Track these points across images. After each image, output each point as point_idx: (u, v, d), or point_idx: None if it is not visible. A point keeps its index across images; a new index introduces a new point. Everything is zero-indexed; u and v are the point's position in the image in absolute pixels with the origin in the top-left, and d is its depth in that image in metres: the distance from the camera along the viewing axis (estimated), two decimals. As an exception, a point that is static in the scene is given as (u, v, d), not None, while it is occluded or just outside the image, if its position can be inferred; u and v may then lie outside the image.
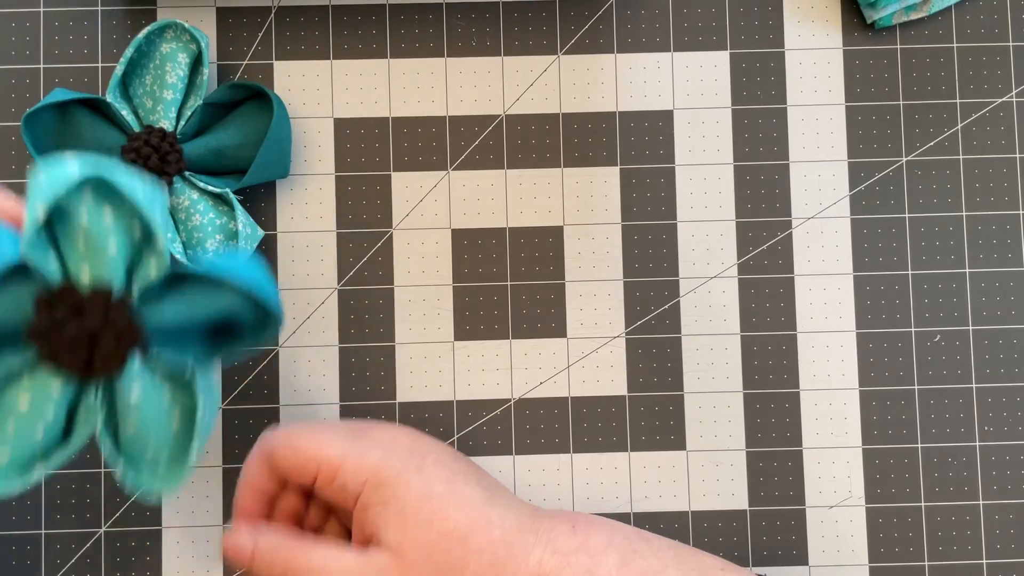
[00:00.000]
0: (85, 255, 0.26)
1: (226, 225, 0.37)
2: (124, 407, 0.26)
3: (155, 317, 0.26)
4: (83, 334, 0.25)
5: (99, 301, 0.25)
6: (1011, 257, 0.39)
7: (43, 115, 0.36)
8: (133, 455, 0.27)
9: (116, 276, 0.26)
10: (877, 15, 0.39)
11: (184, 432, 0.27)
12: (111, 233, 0.26)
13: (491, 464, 0.39)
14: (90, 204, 0.26)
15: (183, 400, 0.27)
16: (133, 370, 0.26)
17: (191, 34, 0.37)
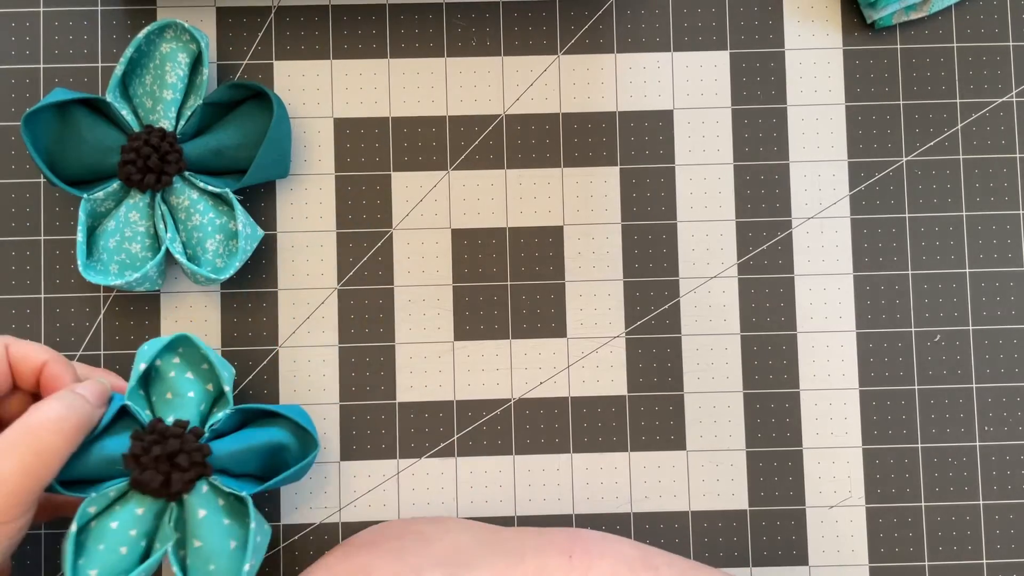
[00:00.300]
0: (170, 402, 0.34)
1: (226, 225, 0.37)
2: (192, 525, 0.32)
3: (220, 449, 0.33)
4: (164, 455, 0.32)
5: (178, 432, 0.33)
6: (1011, 257, 0.39)
7: (43, 115, 0.36)
8: (196, 570, 0.32)
9: (192, 417, 0.34)
10: (877, 15, 0.39)
11: (240, 552, 0.32)
12: (191, 386, 0.34)
13: (491, 464, 0.39)
14: (176, 365, 0.35)
15: (239, 525, 0.33)
16: (201, 493, 0.33)
17: (191, 34, 0.37)
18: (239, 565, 0.32)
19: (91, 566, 0.31)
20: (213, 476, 0.33)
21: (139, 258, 0.37)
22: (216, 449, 0.33)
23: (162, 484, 0.32)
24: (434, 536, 0.34)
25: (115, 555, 0.32)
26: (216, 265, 0.37)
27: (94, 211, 0.37)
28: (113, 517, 0.32)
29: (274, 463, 0.35)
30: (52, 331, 0.38)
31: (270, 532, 0.34)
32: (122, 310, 0.39)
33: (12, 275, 0.39)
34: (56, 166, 0.36)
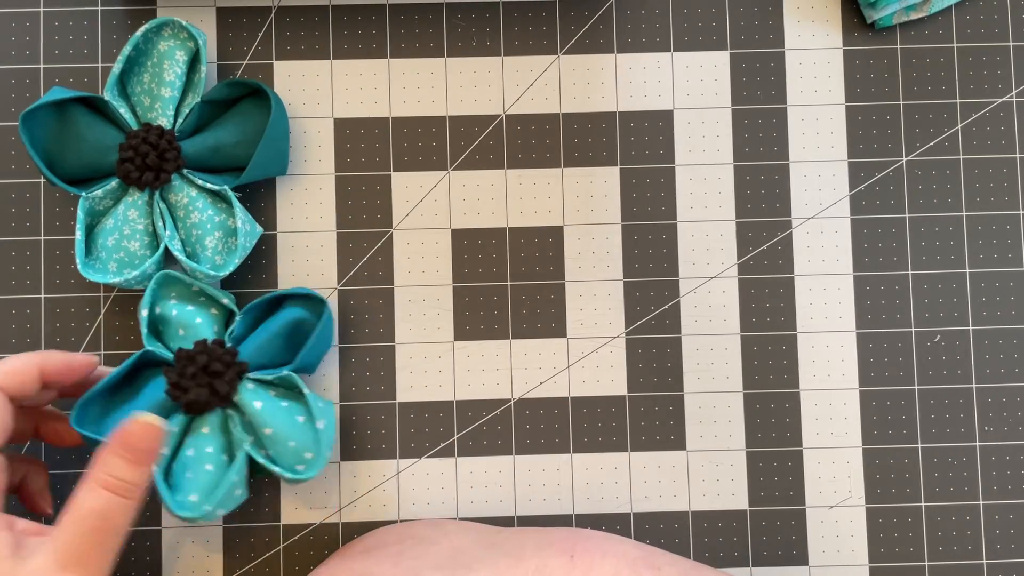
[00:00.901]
0: (184, 336, 0.36)
1: (225, 222, 0.37)
2: (257, 419, 0.34)
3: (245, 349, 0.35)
4: (199, 369, 0.34)
5: (202, 348, 0.34)
6: (1011, 257, 0.39)
7: (41, 114, 0.36)
8: (282, 456, 0.34)
9: (208, 335, 0.36)
10: (877, 15, 0.39)
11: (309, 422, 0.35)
12: (196, 314, 0.36)
13: (491, 464, 0.39)
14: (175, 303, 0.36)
15: (297, 402, 0.35)
16: (247, 389, 0.35)
17: (189, 32, 0.37)
18: (313, 431, 0.35)
19: (188, 493, 0.34)
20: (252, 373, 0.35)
21: (138, 256, 0.37)
22: (242, 351, 0.35)
23: (209, 395, 0.34)
24: (433, 539, 0.34)
25: (204, 475, 0.34)
26: (215, 262, 0.37)
27: (93, 209, 0.37)
28: (186, 447, 0.35)
29: (300, 341, 0.36)
30: (52, 331, 0.38)
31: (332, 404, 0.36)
32: (122, 310, 0.39)
33: (12, 275, 0.39)
34: (55, 165, 0.36)
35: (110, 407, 0.35)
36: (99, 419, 0.35)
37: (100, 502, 0.30)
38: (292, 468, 0.34)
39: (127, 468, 0.31)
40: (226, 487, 0.33)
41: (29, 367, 0.32)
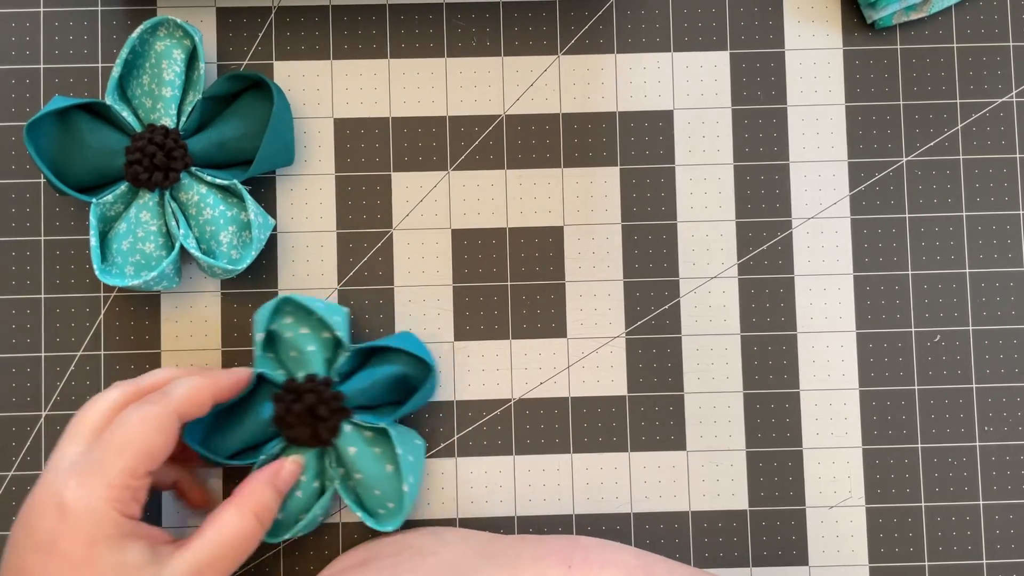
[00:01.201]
0: (296, 359, 0.36)
1: (237, 216, 0.37)
2: (349, 463, 0.35)
3: (351, 390, 0.36)
4: (305, 410, 0.35)
5: (311, 387, 0.35)
6: (1011, 257, 0.39)
7: (44, 124, 0.36)
8: (368, 500, 0.36)
9: (319, 368, 0.36)
10: (877, 15, 0.39)
11: (396, 475, 0.35)
12: (309, 340, 0.36)
13: (491, 464, 0.39)
14: (290, 325, 0.36)
15: (390, 451, 0.36)
16: (346, 433, 0.36)
17: (184, 30, 0.37)
18: (399, 486, 0.35)
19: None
20: (353, 415, 0.36)
21: (154, 257, 0.37)
22: (348, 391, 0.36)
23: (311, 436, 0.35)
24: (430, 549, 0.34)
25: (292, 499, 0.35)
26: (232, 257, 0.37)
27: (104, 215, 0.37)
28: None
29: (403, 388, 0.37)
30: (52, 331, 0.38)
31: (424, 446, 0.37)
32: (122, 310, 0.39)
33: (12, 275, 0.39)
34: (62, 173, 0.36)
35: (217, 423, 0.36)
36: (205, 431, 0.36)
37: (245, 525, 0.32)
38: (375, 512, 0.36)
39: (275, 499, 0.34)
40: (309, 521, 0.35)
41: (204, 394, 0.33)
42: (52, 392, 0.38)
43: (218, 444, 0.36)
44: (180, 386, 0.33)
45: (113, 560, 0.30)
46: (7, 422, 0.38)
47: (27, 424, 0.38)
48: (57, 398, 0.38)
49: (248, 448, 0.36)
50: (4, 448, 0.38)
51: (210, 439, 0.36)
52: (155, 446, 0.31)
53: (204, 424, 0.36)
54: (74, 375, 0.38)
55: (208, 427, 0.36)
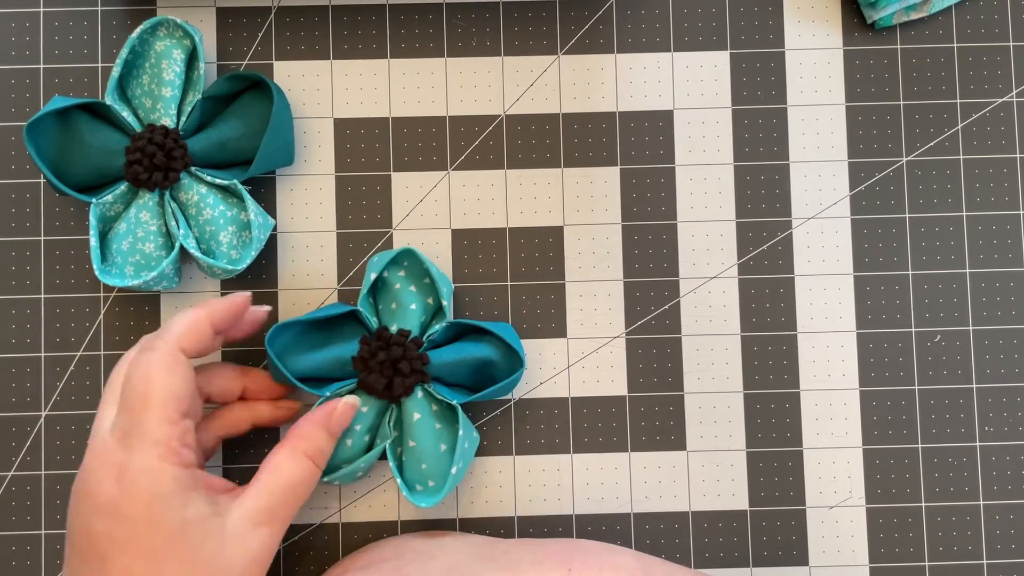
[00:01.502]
0: (395, 311, 0.37)
1: (237, 216, 0.37)
2: (407, 427, 0.36)
3: (437, 358, 0.36)
4: (388, 361, 0.35)
5: (401, 341, 0.35)
6: (1011, 257, 0.39)
7: (44, 124, 0.36)
8: (410, 470, 0.36)
9: (413, 327, 0.36)
10: (877, 15, 0.39)
11: (448, 456, 0.35)
12: (414, 299, 0.37)
13: (491, 464, 0.39)
14: (402, 278, 0.37)
15: (449, 430, 0.36)
16: (417, 397, 0.36)
17: (184, 30, 0.37)
18: (447, 467, 0.35)
19: None
20: (429, 383, 0.36)
21: (153, 257, 0.37)
22: (433, 358, 0.36)
23: (385, 387, 0.35)
24: (430, 554, 0.34)
25: (341, 446, 0.36)
26: (231, 257, 0.37)
27: (104, 215, 0.37)
28: None
29: (483, 376, 0.37)
30: (52, 331, 0.38)
31: (478, 440, 0.37)
32: (122, 310, 0.39)
33: (12, 275, 0.39)
34: (62, 173, 0.36)
35: (301, 342, 0.36)
36: (287, 348, 0.36)
37: (299, 468, 0.32)
38: (413, 486, 0.36)
39: (328, 442, 0.34)
40: (350, 472, 0.35)
41: (201, 323, 0.33)
42: (52, 392, 0.38)
43: (294, 363, 0.36)
44: (175, 323, 0.32)
45: (175, 516, 0.30)
46: (7, 422, 0.38)
47: (27, 424, 0.38)
48: (57, 398, 0.38)
49: (321, 379, 0.36)
50: (4, 448, 0.38)
51: (287, 356, 0.36)
52: (172, 388, 0.31)
53: (286, 341, 0.36)
54: (74, 375, 0.38)
55: (289, 345, 0.36)
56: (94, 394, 0.38)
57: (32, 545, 0.38)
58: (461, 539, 0.36)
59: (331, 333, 0.37)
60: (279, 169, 0.39)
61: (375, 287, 0.37)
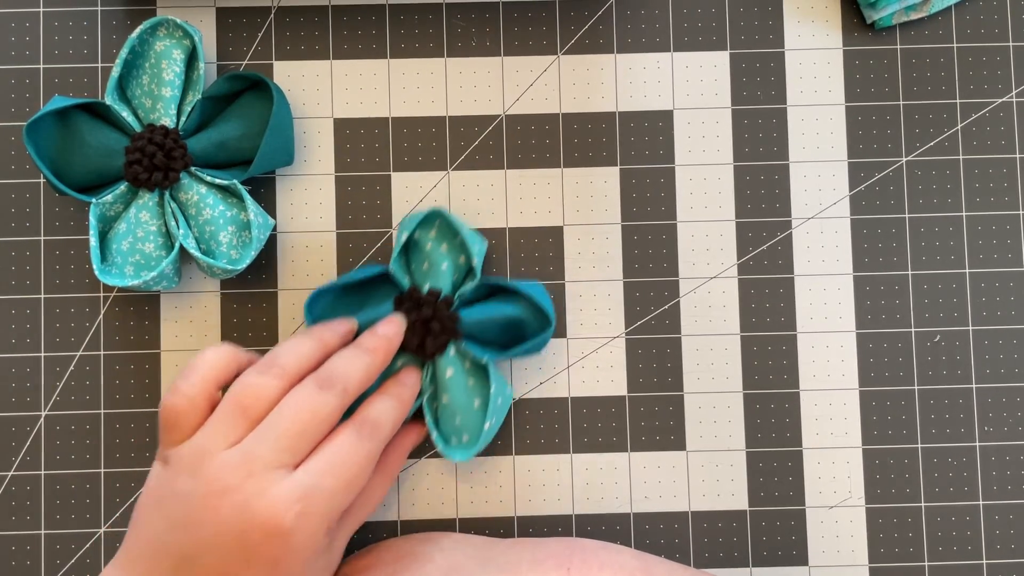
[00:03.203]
0: (426, 272, 0.37)
1: (237, 216, 0.37)
2: (441, 383, 0.36)
3: (467, 317, 0.36)
4: (419, 320, 0.36)
5: (432, 300, 0.36)
6: (1011, 257, 0.39)
7: (44, 124, 0.36)
8: (445, 424, 0.36)
9: (445, 287, 0.37)
10: (877, 15, 0.39)
11: (482, 411, 0.36)
12: (444, 258, 0.37)
13: (491, 465, 0.39)
14: (432, 239, 0.37)
15: (482, 386, 0.36)
16: (449, 355, 0.36)
17: (184, 30, 0.37)
18: (481, 423, 0.36)
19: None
20: (461, 341, 0.37)
21: (153, 257, 0.37)
22: (464, 317, 0.37)
23: (418, 346, 0.36)
24: (428, 557, 0.34)
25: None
26: (231, 257, 0.37)
27: (104, 215, 0.37)
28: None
29: (513, 335, 0.37)
30: (52, 331, 0.38)
31: (512, 397, 0.38)
32: (122, 310, 0.39)
33: (12, 275, 0.39)
34: (61, 173, 0.36)
35: (337, 306, 0.37)
36: (324, 314, 0.37)
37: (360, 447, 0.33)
38: (448, 439, 0.36)
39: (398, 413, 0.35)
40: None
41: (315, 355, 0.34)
42: (52, 392, 0.38)
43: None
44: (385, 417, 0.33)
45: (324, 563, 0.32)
46: (7, 422, 0.38)
47: (27, 424, 0.38)
48: (57, 398, 0.38)
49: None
50: (4, 448, 0.38)
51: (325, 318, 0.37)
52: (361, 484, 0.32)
53: (322, 307, 0.37)
54: (74, 375, 0.38)
55: (325, 310, 0.37)
56: (94, 394, 0.38)
57: (32, 545, 0.38)
58: (460, 540, 0.36)
59: (365, 296, 0.38)
60: (279, 169, 0.39)
61: (406, 248, 0.37)
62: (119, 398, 0.38)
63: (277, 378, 0.32)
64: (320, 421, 0.31)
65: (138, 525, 0.31)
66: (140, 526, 0.31)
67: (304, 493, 0.30)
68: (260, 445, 0.30)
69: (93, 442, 0.38)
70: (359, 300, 0.38)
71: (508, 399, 0.37)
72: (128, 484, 0.38)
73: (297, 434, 0.31)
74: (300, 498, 0.30)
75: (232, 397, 0.31)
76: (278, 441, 0.30)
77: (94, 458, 0.38)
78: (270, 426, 0.31)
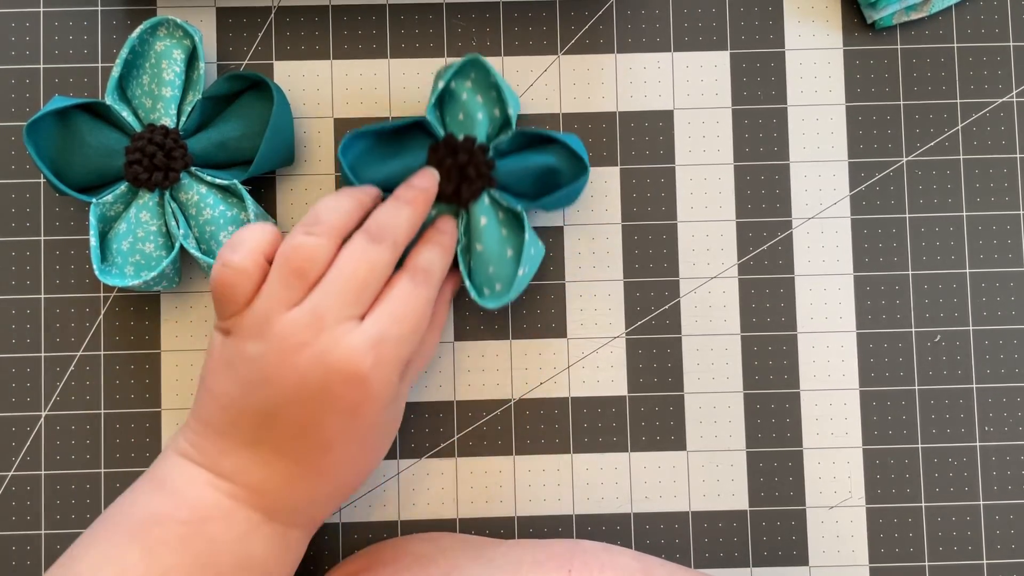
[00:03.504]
0: (462, 122, 0.37)
1: (237, 216, 0.37)
2: (475, 230, 0.37)
3: (502, 167, 0.37)
4: (455, 166, 0.36)
5: (468, 147, 0.36)
6: (1011, 257, 0.39)
7: (44, 124, 0.36)
8: (478, 274, 0.37)
9: (480, 137, 0.37)
10: (877, 15, 0.39)
11: (515, 260, 0.36)
12: (479, 109, 0.37)
13: (491, 464, 0.39)
14: (469, 89, 0.37)
15: (515, 237, 0.37)
16: (484, 203, 0.37)
17: (184, 30, 0.37)
18: (514, 271, 0.36)
19: None
20: (495, 191, 0.37)
21: (154, 257, 0.37)
22: (499, 167, 0.37)
23: (453, 192, 0.36)
24: (429, 557, 0.34)
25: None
26: None
27: (104, 215, 0.37)
28: None
29: (548, 186, 0.37)
30: (52, 331, 0.38)
31: (543, 249, 0.38)
32: (122, 310, 0.39)
33: (12, 275, 0.39)
34: (61, 174, 0.36)
35: (371, 153, 0.38)
36: (358, 160, 0.37)
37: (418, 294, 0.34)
38: (480, 288, 0.37)
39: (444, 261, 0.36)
40: None
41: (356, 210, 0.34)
42: (52, 392, 0.38)
43: (366, 170, 0.37)
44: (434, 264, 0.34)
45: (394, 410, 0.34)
46: (7, 422, 0.38)
47: (27, 424, 0.38)
48: (57, 398, 0.38)
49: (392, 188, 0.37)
50: (4, 448, 0.38)
51: (358, 168, 0.37)
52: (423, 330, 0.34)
53: (357, 152, 0.37)
54: (74, 375, 0.38)
55: (360, 156, 0.37)
56: (94, 394, 0.38)
57: (32, 545, 0.38)
58: (460, 541, 0.36)
59: (400, 145, 0.38)
60: (279, 169, 0.39)
61: (442, 100, 0.38)
62: (119, 398, 0.38)
63: (326, 236, 0.32)
64: (378, 273, 0.33)
65: (209, 391, 0.32)
66: (211, 392, 0.32)
67: (376, 341, 0.31)
68: (326, 300, 0.31)
69: (93, 442, 0.38)
70: (394, 149, 0.38)
71: (541, 251, 0.37)
72: (128, 484, 0.38)
73: (359, 287, 0.32)
74: (373, 346, 0.31)
75: (285, 261, 0.32)
76: (343, 296, 0.31)
77: (94, 458, 0.38)
78: (332, 282, 0.32)
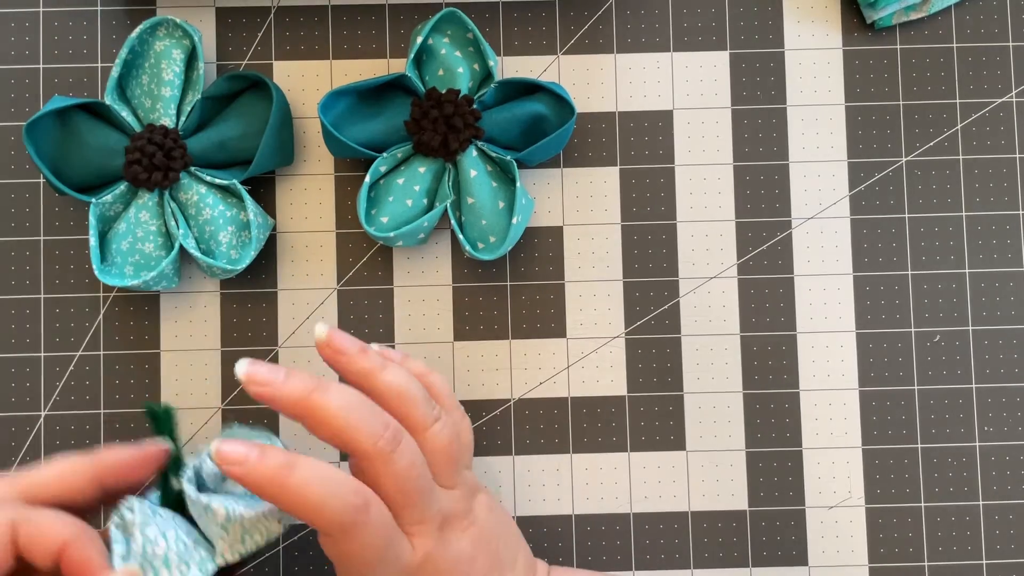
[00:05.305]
0: (442, 77, 0.37)
1: (237, 216, 0.37)
2: (465, 184, 0.37)
3: (488, 118, 0.37)
4: (441, 117, 0.36)
5: (452, 98, 0.36)
6: (1011, 257, 0.39)
7: (43, 123, 0.36)
8: (471, 228, 0.37)
9: (463, 88, 0.37)
10: (877, 15, 0.39)
11: (507, 211, 0.37)
12: (459, 63, 0.37)
13: (491, 464, 0.39)
14: (447, 44, 0.37)
15: (505, 189, 0.37)
16: (472, 155, 0.37)
17: (183, 30, 0.37)
18: (507, 222, 0.37)
19: (382, 214, 0.37)
20: (482, 143, 0.37)
21: (153, 257, 0.37)
22: (484, 118, 0.37)
23: (440, 144, 0.36)
24: None
25: (402, 206, 0.37)
26: (231, 256, 0.37)
27: (104, 215, 0.37)
28: (399, 175, 0.37)
29: (535, 135, 0.38)
30: (52, 331, 0.38)
31: (533, 202, 0.38)
32: (122, 310, 0.39)
33: (12, 275, 0.39)
34: (61, 173, 0.36)
35: (353, 112, 0.38)
36: (340, 118, 0.37)
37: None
38: (475, 243, 0.37)
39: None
40: (412, 229, 0.36)
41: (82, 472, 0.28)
42: (52, 392, 0.38)
43: (349, 129, 0.37)
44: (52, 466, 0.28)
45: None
46: (7, 422, 0.38)
47: (27, 424, 0.38)
48: (57, 398, 0.38)
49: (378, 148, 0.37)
50: (4, 448, 0.38)
51: (340, 126, 0.37)
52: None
53: (338, 111, 0.37)
54: (74, 375, 0.38)
55: (341, 114, 0.37)
56: (94, 394, 0.38)
57: (32, 545, 0.38)
58: None
59: (381, 105, 0.38)
60: (279, 169, 0.39)
61: (419, 59, 0.38)
62: (119, 398, 0.38)
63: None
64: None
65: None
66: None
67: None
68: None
69: (93, 442, 0.38)
70: (376, 109, 0.38)
71: (531, 203, 0.37)
72: (128, 484, 0.38)
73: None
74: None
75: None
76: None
77: (94, 458, 0.38)
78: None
